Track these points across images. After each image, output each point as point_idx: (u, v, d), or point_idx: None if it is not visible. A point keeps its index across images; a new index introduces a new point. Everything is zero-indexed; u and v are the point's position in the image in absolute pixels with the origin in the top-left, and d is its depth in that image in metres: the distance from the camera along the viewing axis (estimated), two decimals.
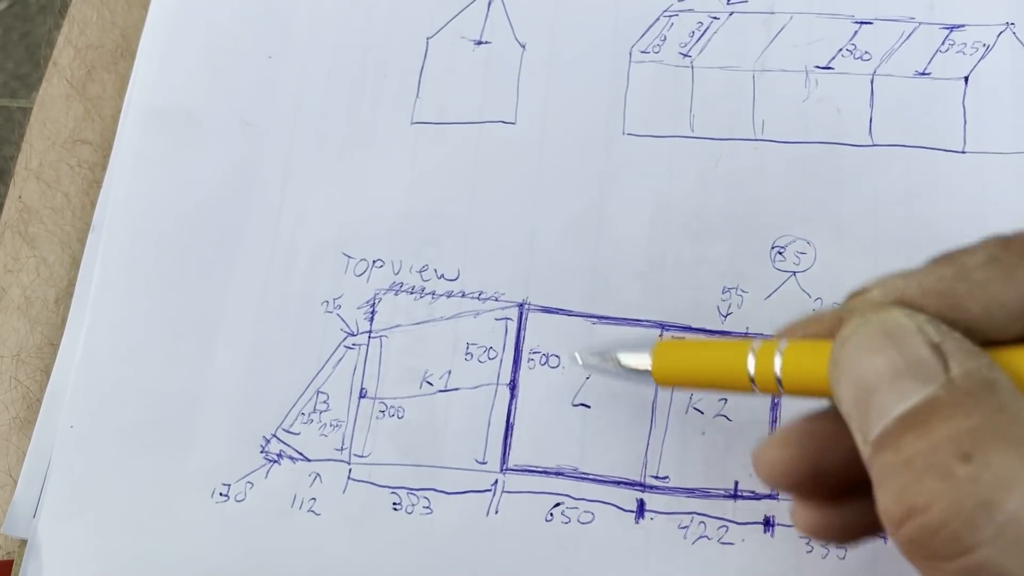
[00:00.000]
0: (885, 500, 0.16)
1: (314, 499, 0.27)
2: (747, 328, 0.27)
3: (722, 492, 0.26)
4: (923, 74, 0.29)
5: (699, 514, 0.26)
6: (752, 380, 0.20)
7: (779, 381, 0.19)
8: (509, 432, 0.27)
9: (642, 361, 0.23)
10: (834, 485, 0.20)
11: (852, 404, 0.17)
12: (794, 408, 0.26)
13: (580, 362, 0.25)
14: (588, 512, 0.26)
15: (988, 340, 0.17)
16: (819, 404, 0.21)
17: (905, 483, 0.15)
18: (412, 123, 0.30)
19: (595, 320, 0.28)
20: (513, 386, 0.27)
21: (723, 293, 0.27)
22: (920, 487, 0.15)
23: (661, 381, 0.23)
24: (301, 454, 0.27)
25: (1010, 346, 0.17)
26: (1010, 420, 0.15)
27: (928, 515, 0.15)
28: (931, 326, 0.17)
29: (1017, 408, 0.15)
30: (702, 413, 0.26)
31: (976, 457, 0.15)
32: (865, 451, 0.17)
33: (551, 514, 0.26)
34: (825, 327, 0.19)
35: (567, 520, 0.26)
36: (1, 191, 0.33)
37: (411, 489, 0.27)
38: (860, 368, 0.17)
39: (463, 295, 0.28)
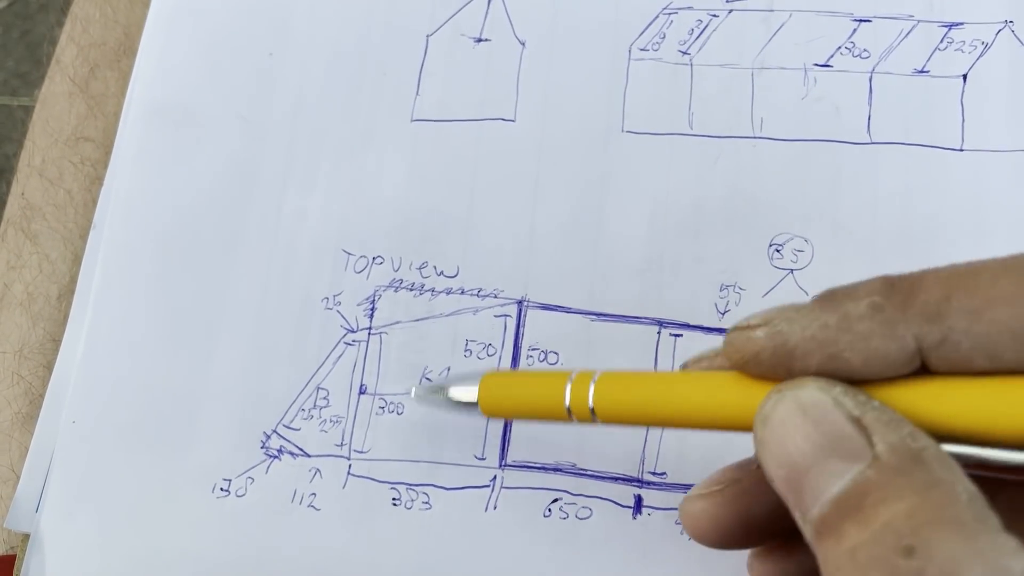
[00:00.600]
0: None
1: (314, 494, 0.27)
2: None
3: None
4: (921, 72, 0.29)
5: None
6: (568, 411, 0.20)
7: (592, 411, 0.20)
8: (507, 428, 0.27)
9: (469, 394, 0.23)
10: (765, 533, 0.20)
11: (785, 485, 0.17)
12: None
13: (413, 396, 0.25)
14: (586, 508, 0.26)
15: (863, 382, 0.17)
16: (748, 449, 0.20)
17: None
18: (412, 120, 0.30)
19: (593, 317, 0.28)
20: None
21: (721, 291, 0.28)
22: None
23: (489, 412, 0.23)
24: (301, 450, 0.27)
25: (893, 382, 0.17)
26: (944, 497, 0.15)
27: None
28: (848, 398, 0.16)
29: (949, 481, 0.15)
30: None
31: (918, 550, 0.14)
32: (806, 531, 0.16)
33: (549, 510, 0.26)
34: (716, 363, 0.20)
35: (565, 516, 0.26)
36: (2, 189, 0.33)
37: (410, 485, 0.27)
38: (785, 450, 0.17)
39: (462, 292, 0.28)
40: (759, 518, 0.19)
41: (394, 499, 0.27)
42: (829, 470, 0.16)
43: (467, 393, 0.23)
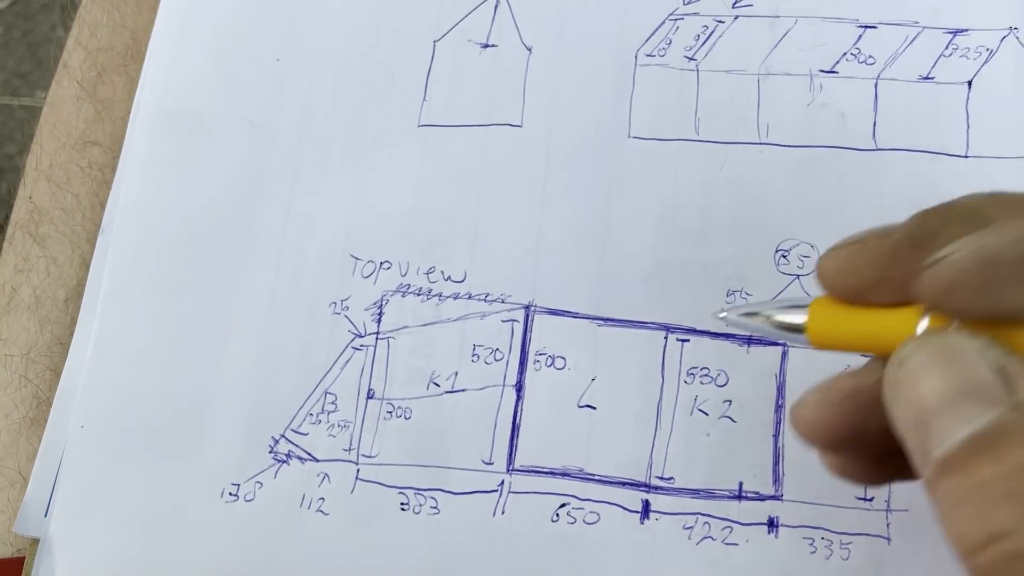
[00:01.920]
0: (960, 526, 0.16)
1: (322, 499, 0.27)
2: (750, 332, 0.27)
3: (726, 493, 0.26)
4: (927, 78, 0.29)
5: (704, 515, 0.26)
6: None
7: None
8: (515, 433, 0.27)
9: (798, 318, 0.21)
10: (874, 447, 0.20)
11: (910, 424, 0.17)
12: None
13: (723, 317, 0.23)
14: (594, 512, 0.26)
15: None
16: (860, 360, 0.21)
17: (982, 509, 0.15)
18: (419, 126, 0.30)
19: (600, 322, 0.28)
20: (519, 387, 0.28)
21: (728, 296, 0.28)
22: (999, 513, 0.15)
23: (818, 342, 0.21)
24: (310, 454, 0.28)
25: None
26: None
27: (1010, 541, 0.15)
28: (992, 348, 0.16)
29: None
30: (707, 415, 0.27)
31: None
32: (925, 472, 0.17)
33: (557, 514, 0.26)
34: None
35: (573, 520, 0.26)
36: (3, 188, 0.33)
37: (418, 489, 0.27)
38: (919, 389, 0.17)
39: (470, 297, 0.28)
40: (872, 432, 0.19)
41: (402, 504, 0.27)
42: (964, 413, 0.16)
43: (796, 317, 0.21)
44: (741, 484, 0.26)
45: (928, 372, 0.17)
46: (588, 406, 0.27)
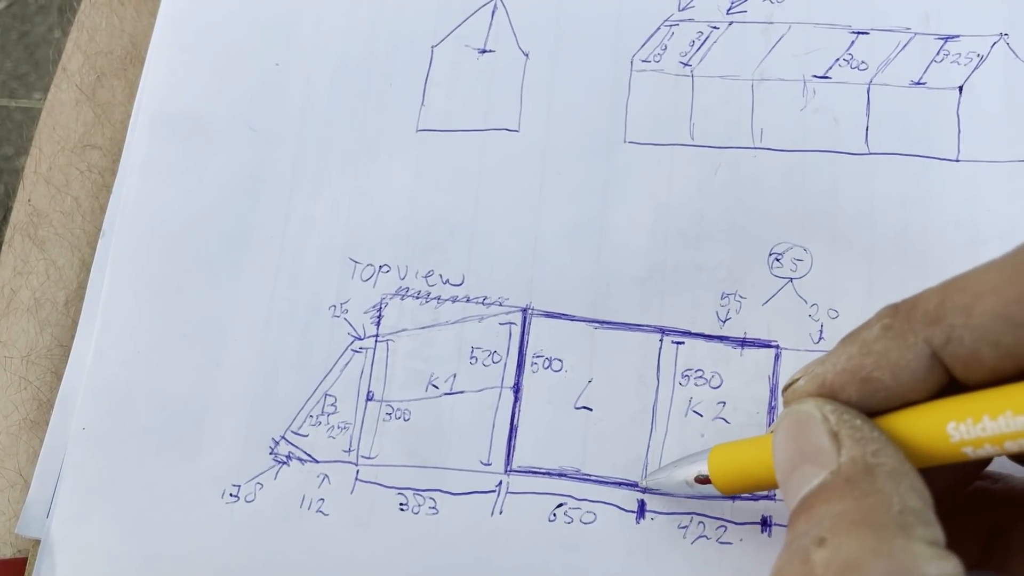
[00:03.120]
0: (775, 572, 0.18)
1: (322, 500, 0.27)
2: (744, 333, 0.28)
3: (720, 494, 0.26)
4: (918, 84, 0.30)
5: (698, 515, 0.26)
6: None
7: None
8: (513, 434, 0.27)
9: (701, 473, 0.24)
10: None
11: (780, 486, 0.19)
12: None
13: (643, 483, 0.26)
14: (590, 512, 0.27)
15: (906, 402, 0.18)
16: None
17: (780, 564, 0.17)
18: (417, 130, 0.31)
19: (597, 325, 0.28)
20: (517, 389, 0.28)
21: (722, 299, 0.28)
22: (788, 569, 0.17)
23: (725, 491, 0.23)
24: (309, 455, 0.28)
25: (919, 406, 0.18)
26: (875, 504, 0.16)
27: None
28: (834, 415, 0.18)
29: (888, 492, 0.17)
30: (701, 416, 0.27)
31: (829, 541, 0.16)
32: (789, 519, 0.18)
33: (554, 514, 0.27)
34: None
35: (570, 520, 0.27)
36: (0, 190, 0.34)
37: (417, 490, 0.27)
38: (782, 454, 0.19)
39: (468, 300, 0.29)
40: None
41: (401, 504, 0.27)
42: (804, 474, 0.18)
43: (698, 472, 0.24)
44: None
45: (786, 439, 0.19)
46: (585, 407, 0.27)
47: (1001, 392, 0.17)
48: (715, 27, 0.31)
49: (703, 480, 0.23)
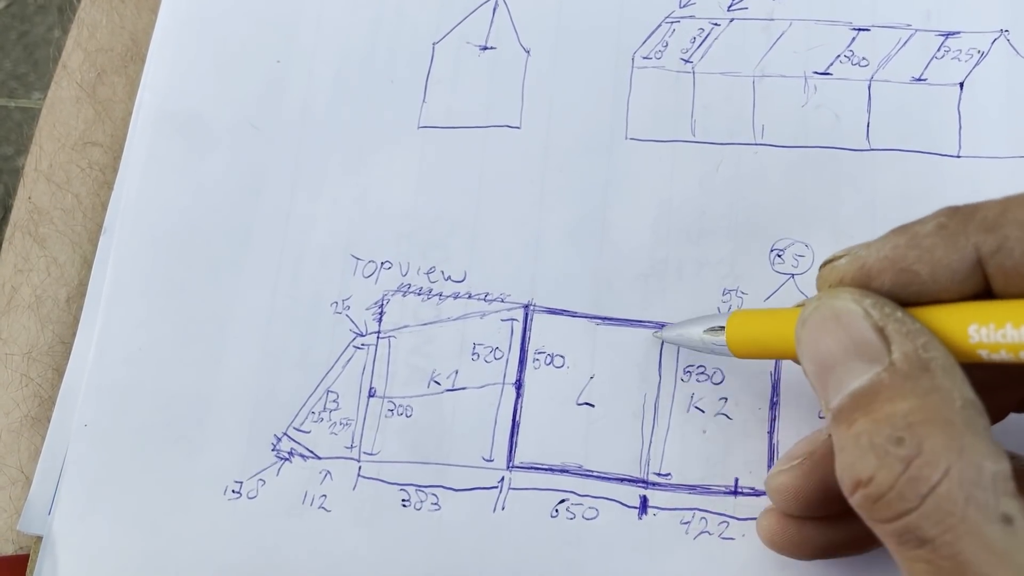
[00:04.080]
0: (839, 470, 0.18)
1: (324, 496, 0.27)
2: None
3: (723, 489, 0.26)
4: (919, 80, 0.30)
5: (701, 510, 0.26)
6: None
7: None
8: (515, 430, 0.27)
9: (719, 332, 0.24)
10: (836, 504, 0.22)
11: (815, 377, 0.19)
12: (793, 406, 0.27)
13: (658, 336, 0.27)
14: (592, 508, 0.27)
15: (937, 299, 0.19)
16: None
17: (852, 459, 0.18)
18: (419, 127, 0.31)
19: (599, 321, 0.28)
20: (519, 385, 0.28)
21: (723, 295, 0.28)
22: (863, 463, 0.17)
23: (738, 352, 0.24)
24: (312, 452, 0.28)
25: (946, 304, 0.19)
26: (939, 401, 0.17)
27: (869, 488, 0.17)
28: (876, 309, 0.19)
29: (947, 388, 0.17)
30: (703, 412, 0.27)
31: (907, 441, 0.17)
32: (828, 419, 0.19)
33: (556, 510, 0.27)
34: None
35: (572, 516, 0.27)
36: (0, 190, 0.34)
37: (419, 486, 0.27)
38: (817, 348, 0.19)
39: (470, 296, 0.29)
40: (835, 486, 0.20)
41: (403, 500, 0.27)
42: (851, 369, 0.18)
43: (715, 332, 0.24)
44: (737, 480, 0.26)
45: (822, 332, 0.19)
46: (587, 404, 0.27)
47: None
48: (716, 24, 0.31)
49: (720, 341, 0.24)
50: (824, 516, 0.23)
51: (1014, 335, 0.17)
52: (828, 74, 0.30)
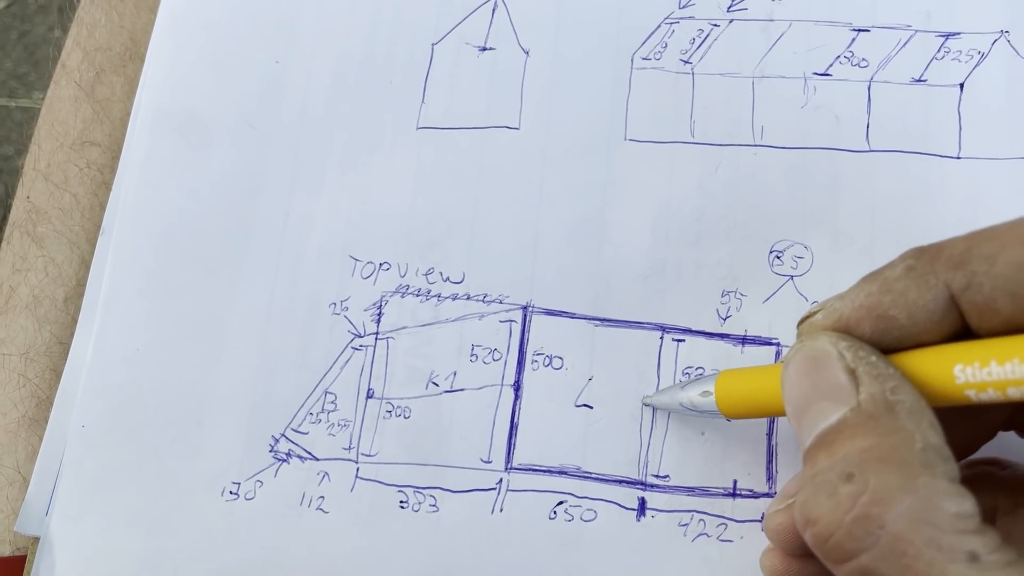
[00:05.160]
0: (795, 509, 0.18)
1: (322, 497, 0.27)
2: (745, 331, 0.28)
3: (721, 491, 0.26)
4: (919, 81, 0.30)
5: (699, 512, 0.26)
6: None
7: None
8: (513, 432, 0.27)
9: (707, 396, 0.24)
10: None
11: (792, 420, 0.19)
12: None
13: (647, 402, 0.27)
14: (591, 510, 0.27)
15: (919, 343, 0.19)
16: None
17: (805, 496, 0.18)
18: (417, 128, 0.31)
19: (597, 323, 0.28)
20: (517, 387, 0.28)
21: (722, 296, 0.28)
22: (813, 501, 0.17)
23: (728, 413, 0.24)
24: (309, 453, 0.28)
25: (929, 347, 0.19)
26: (898, 441, 0.17)
27: (818, 526, 0.17)
28: (850, 351, 0.19)
29: (909, 429, 0.17)
30: (701, 414, 0.27)
31: (857, 476, 0.17)
32: (804, 454, 0.19)
33: (554, 512, 0.27)
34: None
35: (570, 518, 0.27)
36: (0, 190, 0.34)
37: (417, 488, 0.27)
38: (795, 389, 0.19)
39: (468, 298, 0.29)
40: None
41: (401, 502, 0.27)
42: (822, 410, 0.18)
43: (704, 395, 0.24)
44: (735, 482, 0.26)
45: (800, 374, 0.19)
46: (585, 405, 0.27)
47: (1011, 341, 0.17)
48: (715, 24, 0.31)
49: (709, 403, 0.24)
50: None
51: (999, 372, 0.17)
52: (828, 75, 0.30)
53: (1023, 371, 0.17)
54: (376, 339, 0.29)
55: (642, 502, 0.27)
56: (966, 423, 0.21)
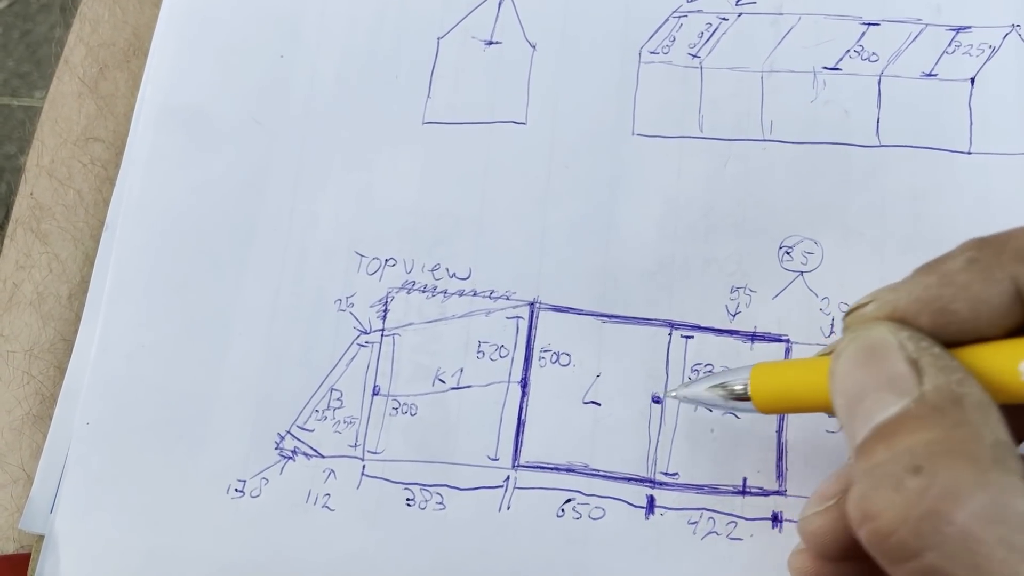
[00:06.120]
0: (850, 503, 0.17)
1: (328, 495, 0.27)
2: (755, 327, 0.27)
3: (731, 488, 0.26)
4: (930, 75, 0.29)
5: (708, 510, 0.26)
6: None
7: None
8: (520, 429, 0.27)
9: (741, 387, 0.23)
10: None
11: (843, 412, 0.18)
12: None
13: (675, 396, 0.25)
14: (599, 508, 0.26)
15: (980, 337, 0.18)
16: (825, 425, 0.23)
17: (864, 490, 0.17)
18: (423, 123, 0.30)
19: (605, 319, 0.28)
20: (524, 384, 0.28)
21: (731, 292, 0.28)
22: (875, 495, 0.16)
23: (763, 407, 0.23)
24: (315, 450, 0.28)
25: (993, 342, 0.18)
26: (967, 435, 0.16)
27: (879, 521, 0.16)
28: (911, 342, 0.18)
29: (978, 423, 0.16)
30: (711, 411, 0.27)
31: (926, 470, 0.16)
32: (858, 446, 0.18)
33: (562, 510, 0.26)
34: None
35: (578, 516, 0.26)
36: (2, 189, 0.33)
37: (424, 485, 0.27)
38: (849, 380, 0.18)
39: (475, 294, 0.28)
40: None
41: (408, 499, 0.27)
42: (880, 401, 0.17)
43: (739, 389, 0.23)
44: (745, 480, 0.26)
45: (855, 364, 0.18)
46: (593, 402, 0.27)
47: None
48: (724, 18, 0.30)
49: (742, 396, 0.23)
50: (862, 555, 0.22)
51: None
52: (837, 69, 0.30)
53: None
54: (382, 336, 0.28)
55: (651, 500, 0.26)
56: (1016, 420, 0.21)
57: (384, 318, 0.29)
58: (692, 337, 0.27)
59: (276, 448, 0.28)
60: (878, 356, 0.18)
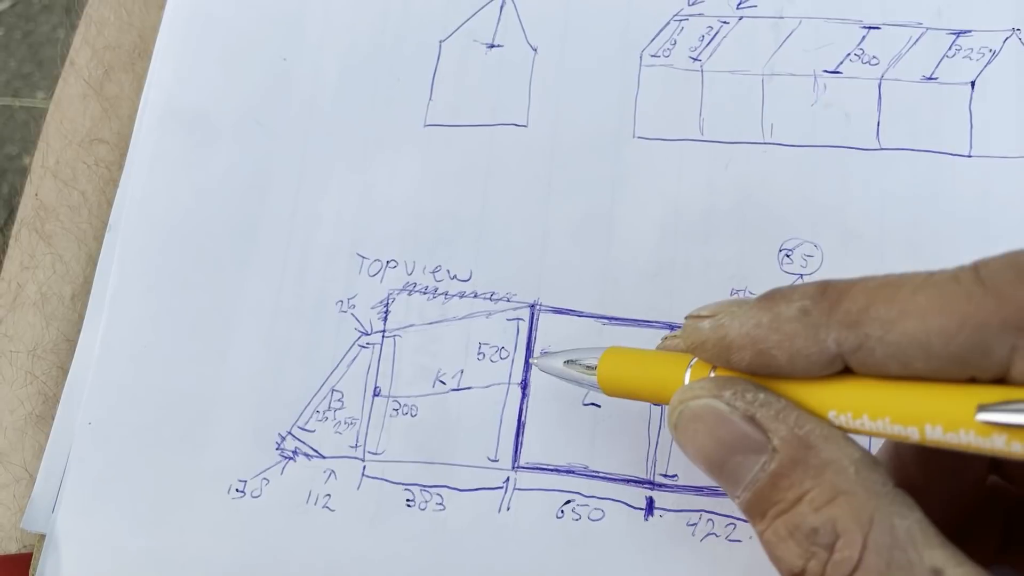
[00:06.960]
0: (773, 563, 0.18)
1: (329, 495, 0.27)
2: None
3: None
4: (930, 79, 0.29)
5: (707, 512, 0.26)
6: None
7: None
8: (520, 430, 0.27)
9: (590, 367, 0.23)
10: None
11: (710, 475, 0.19)
12: None
13: (534, 362, 0.26)
14: (598, 509, 0.26)
15: (794, 380, 0.18)
16: None
17: (782, 552, 0.17)
18: (425, 125, 0.31)
19: (605, 321, 0.28)
20: (525, 385, 0.28)
21: (731, 295, 0.28)
22: (792, 557, 0.17)
23: (607, 389, 0.23)
24: (316, 451, 0.28)
25: (810, 382, 0.18)
26: (834, 476, 0.17)
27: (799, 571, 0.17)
28: (739, 399, 0.18)
29: (836, 458, 0.17)
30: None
31: (821, 529, 0.17)
32: (741, 507, 0.19)
33: (562, 511, 0.27)
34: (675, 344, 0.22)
35: (577, 517, 0.26)
36: (4, 189, 0.34)
37: (424, 486, 0.27)
38: (699, 451, 0.19)
39: (475, 296, 0.29)
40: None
41: (408, 500, 0.27)
42: (739, 464, 0.18)
43: (588, 366, 0.23)
44: None
45: (695, 435, 0.19)
46: (593, 404, 0.27)
47: (883, 392, 0.17)
48: (725, 22, 0.31)
49: (590, 375, 0.23)
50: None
51: (872, 426, 0.17)
52: (838, 73, 0.30)
53: (895, 429, 0.17)
54: (383, 337, 0.28)
55: (650, 501, 0.26)
56: (948, 480, 0.21)
57: (385, 319, 0.29)
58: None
59: (277, 448, 0.28)
60: (712, 423, 0.18)
